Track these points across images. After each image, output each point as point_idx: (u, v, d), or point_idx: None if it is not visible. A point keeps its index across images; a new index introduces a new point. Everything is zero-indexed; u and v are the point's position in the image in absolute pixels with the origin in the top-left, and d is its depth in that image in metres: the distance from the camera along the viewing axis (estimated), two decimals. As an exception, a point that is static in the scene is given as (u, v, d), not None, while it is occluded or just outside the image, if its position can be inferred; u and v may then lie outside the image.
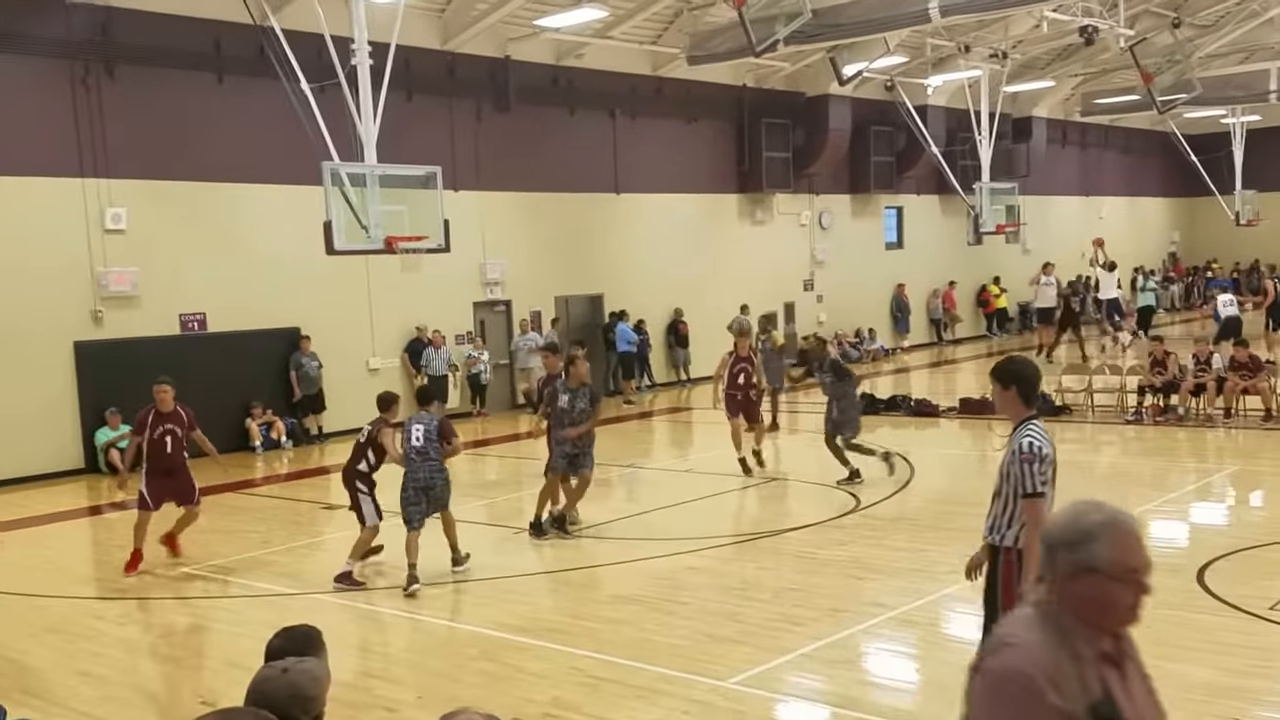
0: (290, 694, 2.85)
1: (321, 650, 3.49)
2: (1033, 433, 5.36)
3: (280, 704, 2.78)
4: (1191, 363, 17.16)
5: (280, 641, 3.41)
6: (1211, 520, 11.62)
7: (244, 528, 12.56)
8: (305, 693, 2.88)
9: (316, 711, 2.91)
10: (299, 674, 2.92)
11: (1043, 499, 5.25)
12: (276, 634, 3.50)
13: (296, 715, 2.82)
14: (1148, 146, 39.84)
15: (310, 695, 2.89)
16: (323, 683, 2.96)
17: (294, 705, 2.82)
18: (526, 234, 22.14)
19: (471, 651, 7.92)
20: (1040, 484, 5.26)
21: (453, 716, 2.52)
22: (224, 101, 17.81)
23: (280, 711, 2.71)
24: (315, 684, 2.92)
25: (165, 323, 17.45)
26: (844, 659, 7.43)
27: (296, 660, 3.02)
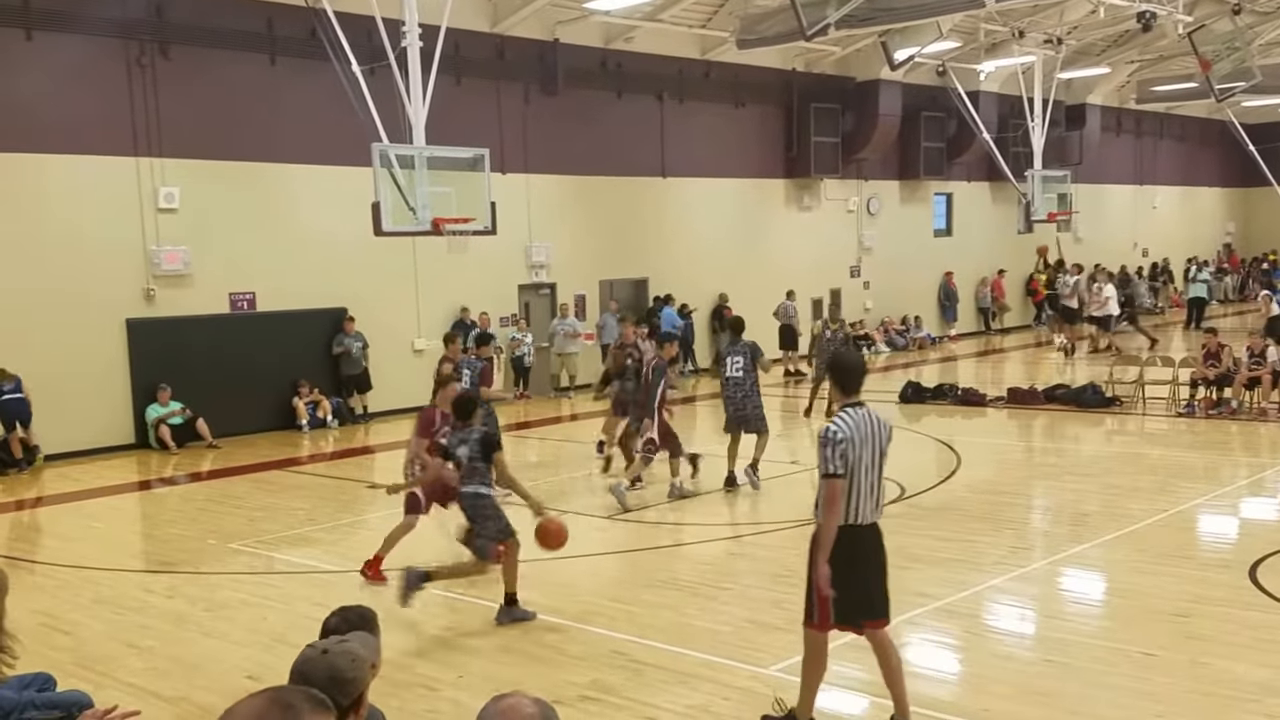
0: (329, 675, 2.85)
1: (375, 630, 3.50)
2: (836, 419, 5.84)
3: (320, 685, 2.74)
4: (1245, 355, 16.86)
5: (336, 620, 3.44)
6: (1264, 515, 11.41)
7: (290, 505, 12.70)
8: (343, 675, 2.87)
9: (357, 692, 2.90)
10: (338, 655, 2.91)
11: (836, 480, 5.71)
12: (334, 612, 3.53)
13: (336, 697, 2.78)
14: (1204, 135, 39.13)
15: (348, 677, 2.88)
16: (363, 664, 2.95)
17: (332, 687, 2.81)
18: (572, 217, 22.14)
19: (513, 632, 7.96)
20: (831, 467, 5.71)
21: (502, 699, 2.51)
22: (276, 82, 17.94)
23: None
24: (354, 665, 2.91)
25: (215, 301, 17.65)
26: (887, 649, 7.37)
27: (338, 640, 3.02)
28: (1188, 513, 10.92)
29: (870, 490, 5.85)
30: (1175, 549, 9.58)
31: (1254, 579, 8.45)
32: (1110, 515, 10.82)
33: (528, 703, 2.48)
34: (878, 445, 5.87)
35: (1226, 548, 10.04)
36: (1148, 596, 8.26)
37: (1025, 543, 10.27)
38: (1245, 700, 6.23)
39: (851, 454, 5.72)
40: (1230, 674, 6.61)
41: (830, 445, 5.73)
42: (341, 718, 2.81)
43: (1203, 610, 7.84)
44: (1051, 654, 7.26)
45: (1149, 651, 7.06)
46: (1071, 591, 8.86)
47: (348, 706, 2.86)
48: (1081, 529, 10.51)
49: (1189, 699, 6.32)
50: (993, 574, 8.96)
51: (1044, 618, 8.19)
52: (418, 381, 19.65)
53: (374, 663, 3.48)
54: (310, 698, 2.31)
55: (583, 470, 14.97)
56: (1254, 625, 7.46)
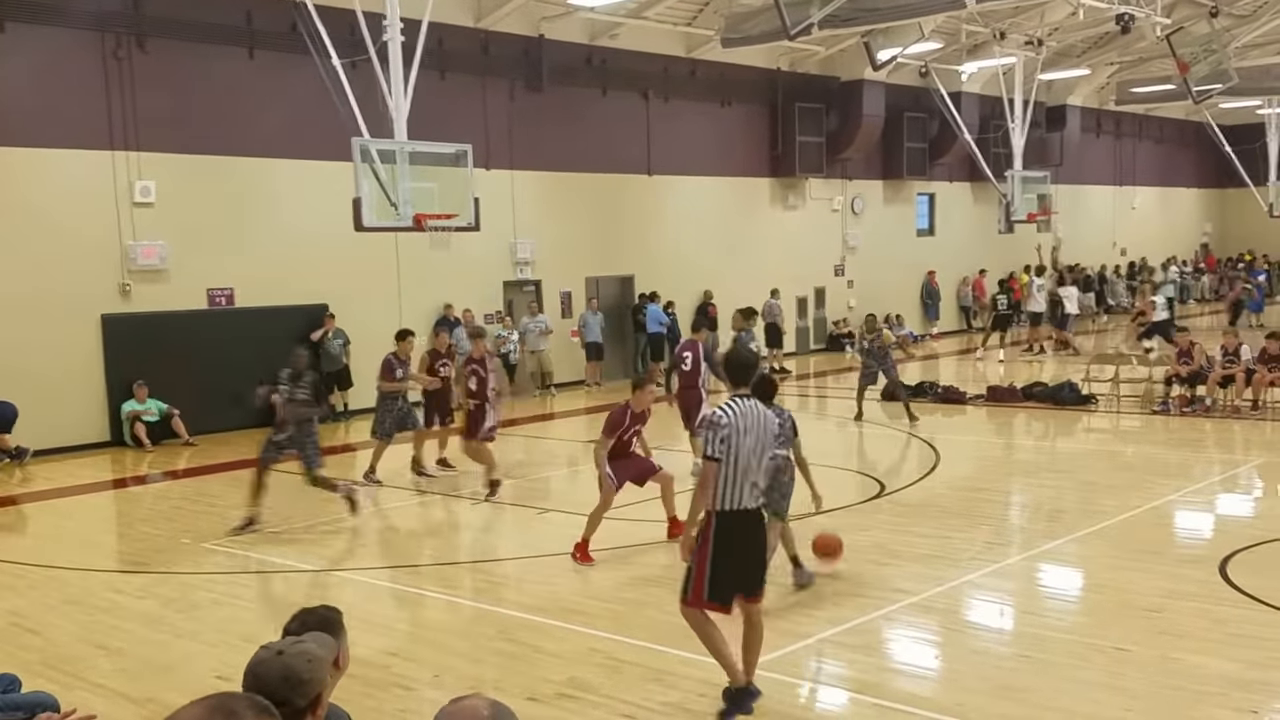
0: (283, 676, 2.79)
1: (339, 632, 3.46)
2: (721, 406, 6.15)
3: (274, 686, 2.73)
4: (1219, 354, 17.01)
5: (297, 624, 3.38)
6: (1236, 512, 11.54)
7: (266, 503, 12.61)
8: (299, 675, 2.81)
9: (315, 693, 2.84)
10: (293, 656, 2.85)
11: (715, 463, 6.01)
12: (294, 615, 3.47)
13: (291, 698, 2.75)
14: (1182, 137, 39.40)
15: (304, 678, 2.81)
16: (320, 664, 2.89)
17: (287, 688, 2.76)
18: (558, 214, 22.13)
19: (490, 631, 7.95)
20: (710, 449, 6.02)
21: (458, 701, 2.51)
22: (255, 76, 17.86)
23: (274, 694, 2.66)
24: (310, 666, 2.85)
25: (193, 297, 17.54)
26: (863, 644, 7.42)
27: (293, 641, 2.96)
28: (1161, 509, 11.01)
29: (749, 478, 6.12)
30: (1148, 545, 9.66)
31: (1224, 575, 8.53)
32: (1085, 511, 10.90)
33: (482, 704, 2.48)
34: (760, 436, 6.13)
35: (1199, 544, 10.13)
36: (1121, 592, 8.33)
37: (1002, 539, 10.34)
38: (1214, 694, 6.29)
39: (733, 441, 6.01)
40: (1200, 668, 6.68)
41: (713, 429, 6.05)
42: (297, 718, 2.77)
43: (1175, 605, 7.91)
44: (1026, 649, 7.32)
45: (1121, 646, 7.12)
46: (1046, 587, 8.93)
47: (305, 707, 2.80)
48: (1057, 525, 10.59)
49: (1160, 693, 6.38)
50: (969, 570, 9.02)
51: (1019, 613, 8.25)
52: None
53: (339, 663, 3.44)
54: (254, 704, 2.27)
55: (569, 467, 15.01)
56: (1224, 620, 7.54)
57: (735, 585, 6.20)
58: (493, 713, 2.46)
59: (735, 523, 6.13)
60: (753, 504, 6.19)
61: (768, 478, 10.62)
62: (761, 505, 6.33)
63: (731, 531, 6.13)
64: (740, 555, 6.18)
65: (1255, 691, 6.32)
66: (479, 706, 2.48)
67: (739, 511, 6.12)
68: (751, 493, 6.16)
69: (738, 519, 6.13)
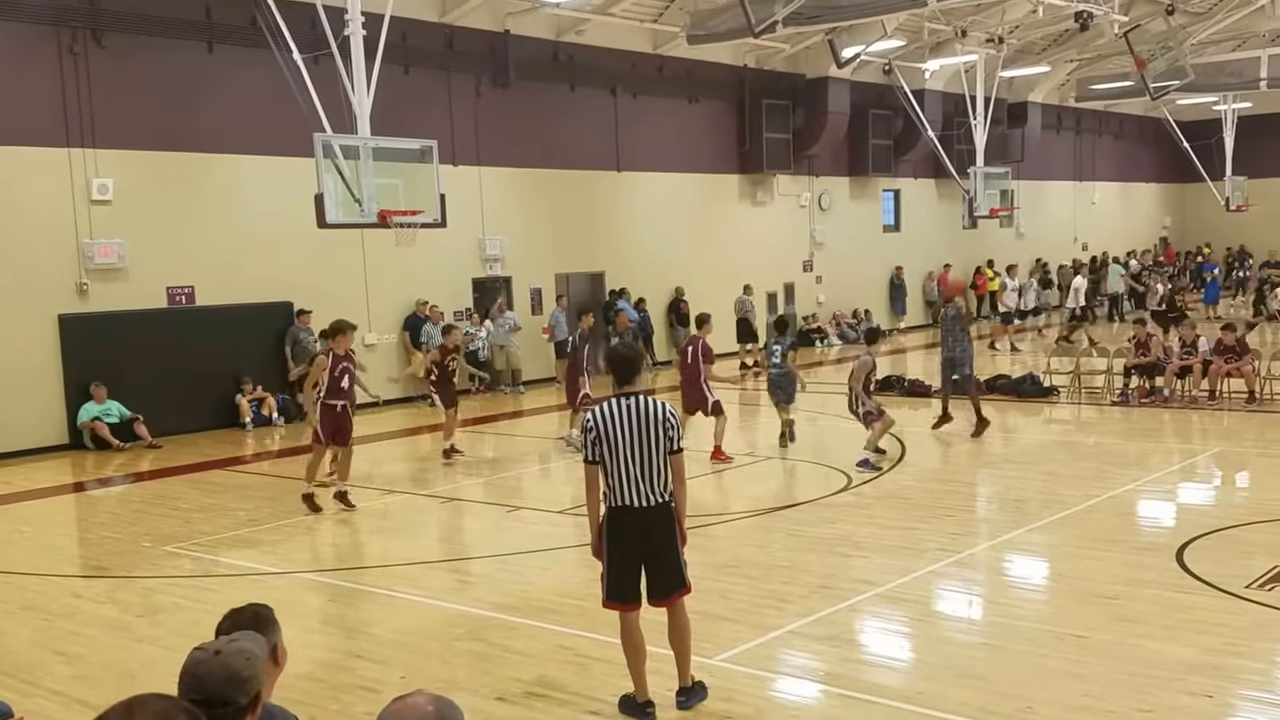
0: (225, 676, 2.77)
1: (272, 628, 3.44)
2: (591, 410, 6.23)
3: (216, 686, 2.72)
4: (1177, 345, 17.25)
5: (229, 624, 3.35)
6: (1193, 500, 11.72)
7: (230, 505, 12.52)
8: (240, 674, 2.79)
9: (255, 690, 2.83)
10: (232, 655, 2.83)
11: (591, 466, 6.13)
12: (225, 616, 3.44)
13: (234, 697, 2.75)
14: (1141, 133, 39.89)
15: (245, 676, 2.80)
16: (257, 661, 2.88)
17: (230, 687, 2.75)
18: (527, 210, 22.11)
19: (459, 631, 7.92)
20: (585, 454, 6.16)
21: (401, 699, 2.52)
22: (214, 71, 17.69)
23: (216, 694, 2.66)
24: (249, 664, 2.84)
25: (152, 296, 17.32)
26: (831, 636, 7.48)
27: (229, 640, 2.94)
28: (1121, 498, 11.16)
29: (633, 476, 6.06)
30: (1108, 533, 9.79)
31: (1181, 562, 8.67)
32: (1047, 501, 11.04)
33: (424, 700, 2.49)
34: (640, 434, 6.05)
35: (1157, 532, 10.28)
36: (1081, 580, 8.45)
37: (966, 529, 10.45)
38: (1171, 680, 6.40)
39: (604, 443, 6.05)
40: (1158, 654, 6.79)
41: (584, 434, 6.21)
42: (238, 716, 2.76)
43: (1133, 593, 8.03)
44: (989, 637, 7.42)
45: (1080, 634, 7.22)
46: (1008, 576, 9.05)
47: (245, 705, 2.79)
48: (1019, 515, 10.72)
49: (1118, 679, 6.48)
50: (934, 560, 9.12)
51: (982, 602, 8.36)
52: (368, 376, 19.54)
53: (277, 660, 3.41)
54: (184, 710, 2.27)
55: (539, 464, 15.02)
56: (1181, 607, 7.66)
57: (635, 584, 6.21)
58: (438, 709, 2.46)
59: (624, 520, 6.13)
60: (646, 501, 6.09)
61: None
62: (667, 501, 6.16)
63: (621, 530, 6.15)
64: (636, 554, 6.17)
65: (1211, 676, 6.44)
66: (423, 704, 2.48)
67: (627, 509, 6.10)
68: (641, 490, 6.07)
69: (626, 516, 6.12)
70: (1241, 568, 8.36)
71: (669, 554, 6.24)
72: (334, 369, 11.71)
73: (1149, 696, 6.21)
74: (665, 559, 6.24)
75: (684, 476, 6.31)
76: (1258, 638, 7.07)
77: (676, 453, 6.18)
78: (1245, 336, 17.86)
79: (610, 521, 6.20)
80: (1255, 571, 8.24)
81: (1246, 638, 7.03)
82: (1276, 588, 7.89)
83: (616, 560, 6.22)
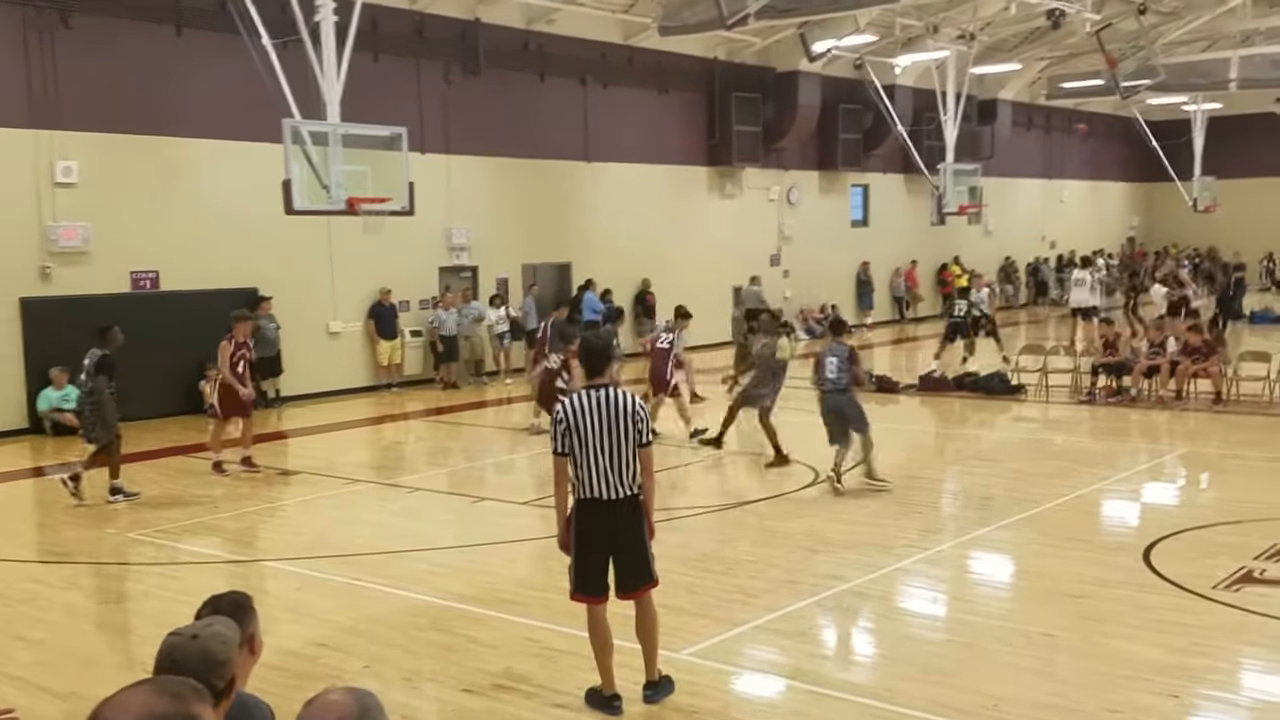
0: (202, 659, 2.81)
1: (251, 616, 3.43)
2: (562, 401, 6.22)
3: (193, 670, 2.73)
4: (1145, 345, 17.36)
5: (208, 610, 3.36)
6: (1159, 500, 11.80)
7: (194, 492, 12.40)
8: (216, 657, 2.85)
9: (230, 674, 2.89)
10: (209, 638, 2.88)
11: (559, 458, 6.12)
12: (205, 602, 3.45)
13: (210, 680, 2.77)
14: (1110, 132, 40.14)
15: (221, 659, 2.86)
16: (232, 645, 2.94)
17: (205, 670, 2.78)
18: (494, 199, 21.98)
19: (423, 621, 7.87)
20: (554, 445, 6.13)
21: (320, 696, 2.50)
22: (183, 55, 17.47)
23: (193, 678, 2.67)
24: (225, 647, 2.90)
25: (116, 280, 17.11)
26: (797, 631, 7.47)
27: (205, 624, 2.98)
28: (1088, 497, 11.21)
29: (602, 468, 6.04)
30: (1075, 532, 9.83)
31: (1148, 562, 8.71)
32: (1014, 499, 11.08)
33: (335, 694, 2.46)
34: (610, 425, 6.03)
35: (1123, 531, 10.34)
36: (1048, 578, 8.48)
37: (933, 526, 10.46)
38: (1137, 679, 6.42)
39: (573, 435, 6.03)
40: (1124, 653, 6.82)
41: (554, 426, 6.18)
42: (215, 700, 2.77)
43: (1100, 592, 8.06)
44: (955, 634, 7.42)
45: (1048, 632, 7.24)
46: (976, 573, 9.07)
47: (221, 689, 2.84)
48: (987, 512, 10.76)
49: (1083, 677, 6.50)
50: (902, 556, 9.12)
51: (949, 599, 8.36)
52: (332, 365, 19.45)
53: (253, 648, 3.40)
54: (194, 688, 2.28)
55: (503, 456, 14.94)
56: (1147, 606, 7.69)
57: (602, 577, 6.19)
58: (350, 698, 2.43)
59: (591, 512, 6.12)
60: (614, 494, 6.06)
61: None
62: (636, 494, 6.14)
63: (589, 522, 6.14)
64: (603, 546, 6.16)
65: (1177, 676, 6.46)
66: (331, 696, 2.45)
67: (595, 501, 6.09)
68: (610, 482, 6.05)
69: (593, 508, 6.11)
70: (1208, 568, 8.40)
71: (637, 547, 6.22)
72: (233, 354, 12.78)
73: (1115, 695, 6.22)
74: (633, 552, 6.21)
75: (653, 469, 6.29)
76: (1224, 638, 7.11)
77: (646, 445, 6.16)
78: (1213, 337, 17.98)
79: (578, 514, 6.17)
80: (1221, 572, 8.28)
81: (1213, 638, 7.07)
82: (1243, 589, 7.93)
83: (584, 553, 6.19)
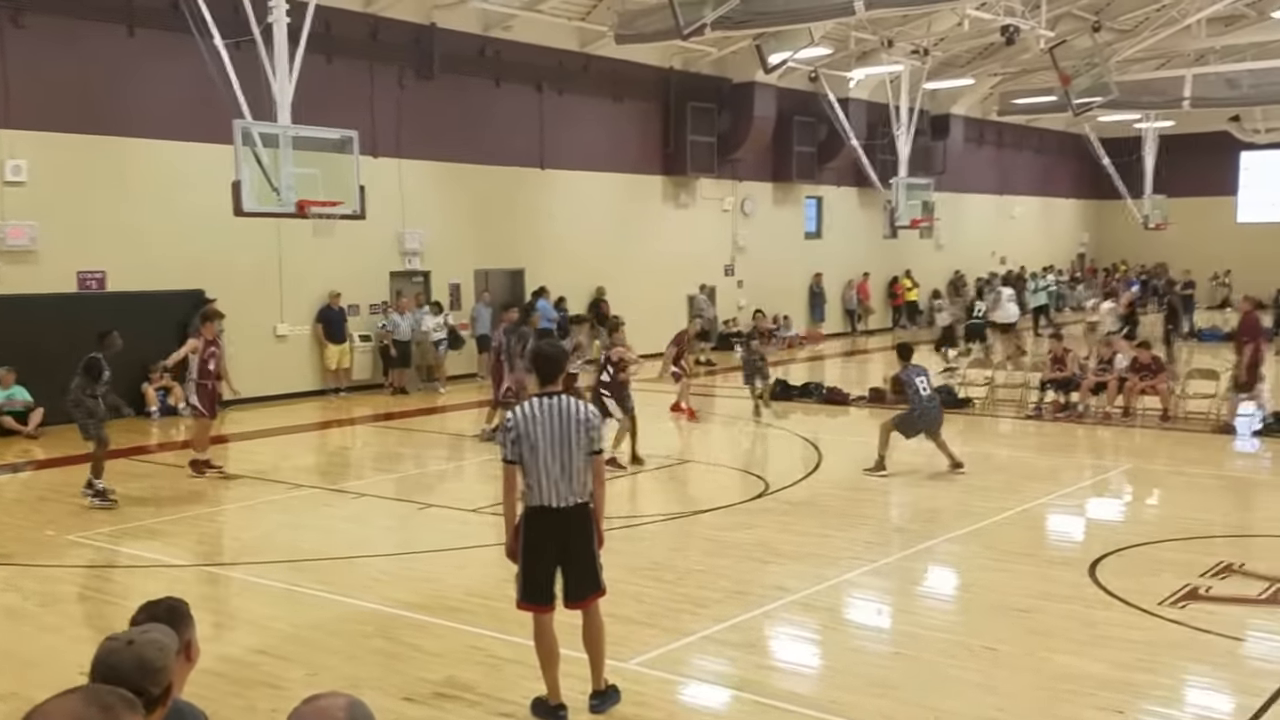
0: (138, 666, 2.78)
1: (187, 623, 3.38)
2: (514, 409, 6.18)
3: (128, 677, 2.71)
4: (1094, 361, 17.55)
5: (144, 616, 3.30)
6: (1105, 516, 11.91)
7: (136, 495, 12.19)
8: (153, 664, 2.81)
9: (166, 681, 2.85)
10: (145, 645, 2.85)
11: (509, 465, 6.08)
12: (140, 608, 3.39)
13: (146, 687, 2.75)
14: (1062, 148, 40.65)
15: (158, 666, 2.83)
16: (169, 652, 2.90)
17: (141, 676, 2.75)
18: (447, 205, 21.85)
19: (367, 629, 7.77)
20: (504, 452, 6.11)
21: (314, 700, 2.43)
22: (135, 55, 17.26)
23: (128, 684, 2.64)
24: (162, 654, 2.86)
25: (63, 280, 16.86)
26: (745, 642, 7.45)
27: (142, 630, 2.96)
28: (1033, 511, 11.29)
29: (553, 476, 6.01)
30: (1020, 546, 9.90)
31: (1093, 577, 8.78)
32: (960, 513, 11.14)
33: (339, 704, 2.40)
34: (561, 433, 6.01)
35: (1069, 546, 10.43)
36: (993, 592, 8.52)
37: (881, 538, 10.49)
38: (1081, 694, 6.46)
39: (524, 442, 6.00)
40: (1068, 668, 6.85)
41: (503, 433, 6.16)
42: (150, 707, 2.72)
43: (1044, 606, 8.11)
44: (901, 647, 7.43)
45: (992, 646, 7.27)
46: (922, 586, 9.09)
47: (157, 696, 2.81)
48: (933, 525, 10.80)
49: (1027, 692, 6.53)
50: (849, 568, 9.14)
51: (895, 611, 8.38)
52: (279, 368, 19.21)
53: (190, 655, 3.35)
54: (124, 698, 2.24)
55: (452, 462, 14.83)
56: (1092, 621, 7.74)
57: (550, 585, 6.16)
58: (348, 713, 2.39)
59: (540, 521, 6.08)
60: (564, 502, 6.04)
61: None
62: (586, 502, 6.11)
63: (539, 530, 6.10)
64: (552, 555, 6.12)
65: (1121, 691, 6.50)
66: (335, 706, 2.41)
67: (545, 509, 6.05)
68: (560, 491, 6.02)
69: (542, 517, 6.07)
70: (1152, 584, 8.47)
71: (585, 556, 6.19)
72: (204, 352, 12.86)
73: (1059, 710, 6.25)
74: (582, 561, 6.18)
75: (603, 478, 6.28)
76: (1168, 655, 7.17)
77: (597, 453, 6.14)
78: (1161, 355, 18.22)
79: (528, 522, 6.12)
80: (1167, 589, 8.34)
81: (1157, 654, 7.13)
82: (1189, 606, 8.00)
83: (533, 561, 6.15)
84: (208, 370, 12.97)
